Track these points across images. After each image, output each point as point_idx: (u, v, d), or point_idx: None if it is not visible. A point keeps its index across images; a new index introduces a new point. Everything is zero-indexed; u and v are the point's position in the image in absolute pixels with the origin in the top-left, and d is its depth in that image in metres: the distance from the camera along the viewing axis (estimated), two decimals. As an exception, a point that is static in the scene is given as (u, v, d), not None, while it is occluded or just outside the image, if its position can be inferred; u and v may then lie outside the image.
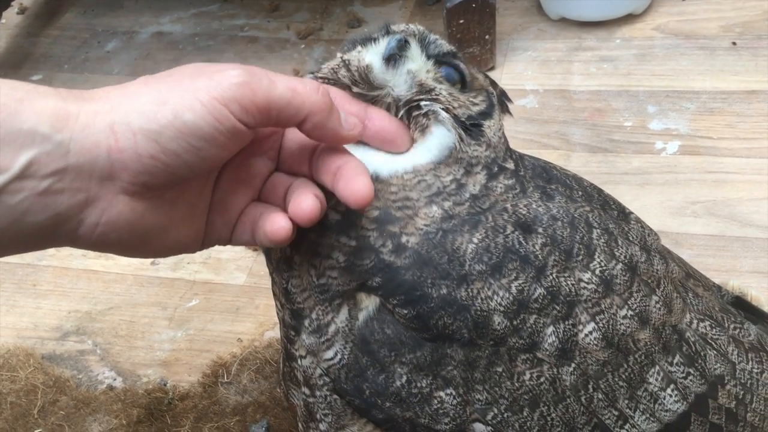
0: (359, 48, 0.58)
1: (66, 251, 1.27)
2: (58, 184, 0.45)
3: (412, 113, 0.57)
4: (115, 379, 1.06)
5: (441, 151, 0.57)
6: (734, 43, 1.45)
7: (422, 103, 0.56)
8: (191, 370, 1.06)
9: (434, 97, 0.57)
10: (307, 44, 1.67)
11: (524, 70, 1.49)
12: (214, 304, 1.16)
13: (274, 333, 1.08)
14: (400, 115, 0.57)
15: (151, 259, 1.24)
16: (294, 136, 0.55)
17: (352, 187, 0.50)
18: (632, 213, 0.66)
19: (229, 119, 0.46)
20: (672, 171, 1.24)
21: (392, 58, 0.55)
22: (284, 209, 0.53)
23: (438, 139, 0.57)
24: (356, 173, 0.51)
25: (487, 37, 1.44)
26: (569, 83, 1.44)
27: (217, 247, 1.23)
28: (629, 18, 1.54)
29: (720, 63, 1.42)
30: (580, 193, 0.62)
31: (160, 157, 0.46)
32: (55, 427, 0.99)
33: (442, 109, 0.57)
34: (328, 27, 1.71)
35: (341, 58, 0.58)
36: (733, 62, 1.41)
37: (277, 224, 0.51)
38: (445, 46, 0.61)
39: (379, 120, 0.55)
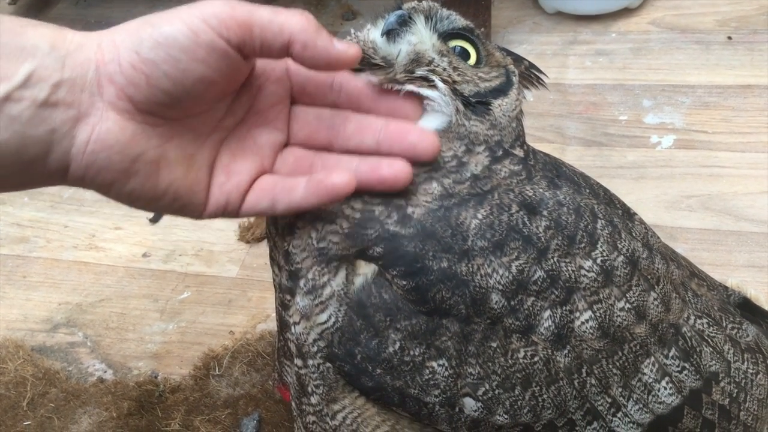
0: (369, 26, 0.59)
1: (57, 242, 1.27)
2: (54, 96, 0.47)
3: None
4: (105, 372, 1.05)
5: (437, 121, 0.56)
6: (730, 38, 1.44)
7: (418, 71, 0.56)
8: (182, 362, 1.05)
9: (432, 68, 0.56)
10: (302, 37, 1.65)
11: (519, 63, 1.49)
12: (206, 296, 1.15)
13: (267, 325, 1.08)
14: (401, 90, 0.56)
15: (143, 251, 1.23)
16: (306, 115, 0.57)
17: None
18: (636, 214, 0.66)
19: (207, 33, 0.48)
20: (667, 165, 1.24)
21: (392, 33, 0.56)
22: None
23: (432, 108, 0.56)
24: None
25: (482, 30, 1.42)
26: (564, 77, 1.44)
27: (209, 240, 1.24)
28: (625, 12, 1.54)
29: (715, 57, 1.42)
30: (587, 190, 0.62)
31: (140, 67, 0.48)
32: (44, 420, 0.98)
33: (440, 80, 0.56)
34: (322, 19, 1.70)
35: (354, 34, 0.59)
36: (729, 57, 1.41)
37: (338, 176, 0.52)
38: (459, 21, 0.60)
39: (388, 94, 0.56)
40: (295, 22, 0.49)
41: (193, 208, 0.55)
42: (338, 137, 0.55)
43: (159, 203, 0.53)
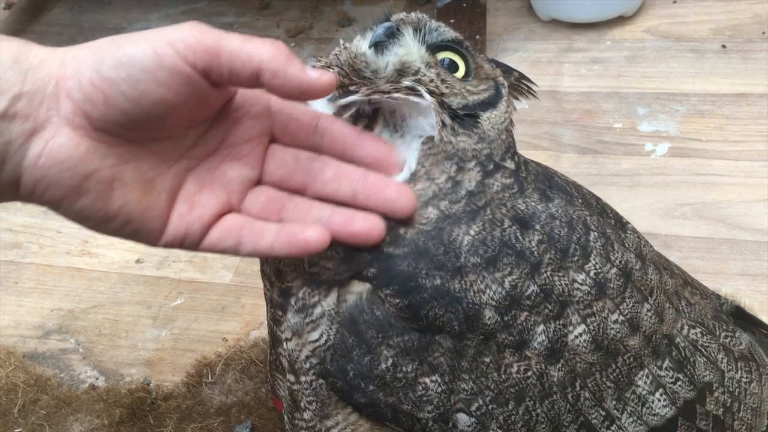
0: (359, 37, 0.58)
1: (50, 248, 1.26)
2: (13, 108, 0.47)
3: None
4: (97, 379, 1.05)
5: (423, 140, 0.55)
6: (724, 46, 1.45)
7: (404, 81, 0.55)
8: (175, 369, 1.05)
9: (419, 78, 0.55)
10: (297, 43, 1.66)
11: (514, 70, 1.49)
12: (199, 303, 1.15)
13: (260, 332, 1.07)
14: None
15: (137, 258, 1.23)
16: (283, 155, 0.56)
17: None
18: (629, 223, 0.65)
19: (171, 56, 0.47)
20: (661, 173, 1.24)
21: (379, 45, 0.55)
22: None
23: (419, 123, 0.55)
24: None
25: (477, 37, 1.43)
26: (559, 84, 1.44)
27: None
28: (620, 20, 1.54)
29: (710, 66, 1.42)
30: (580, 201, 0.61)
31: (99, 85, 0.47)
32: (35, 427, 0.98)
33: (427, 90, 0.55)
34: (318, 26, 1.70)
35: (344, 45, 0.58)
36: (723, 65, 1.41)
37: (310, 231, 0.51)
38: (448, 33, 0.60)
39: (373, 143, 0.54)
40: (265, 51, 0.48)
41: (147, 233, 0.53)
42: (315, 182, 0.54)
43: (110, 225, 0.52)
